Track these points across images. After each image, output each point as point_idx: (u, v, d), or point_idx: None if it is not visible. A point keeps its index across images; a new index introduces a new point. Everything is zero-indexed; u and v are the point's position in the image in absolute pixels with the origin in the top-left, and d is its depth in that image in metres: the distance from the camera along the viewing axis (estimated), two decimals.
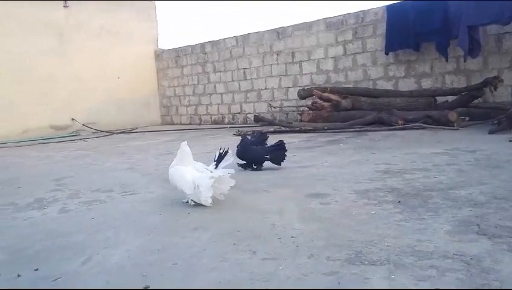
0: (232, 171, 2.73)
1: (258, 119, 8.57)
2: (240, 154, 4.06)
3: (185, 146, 2.89)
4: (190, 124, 11.52)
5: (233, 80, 10.51)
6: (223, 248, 1.98)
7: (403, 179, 3.16)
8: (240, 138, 4.65)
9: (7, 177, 4.53)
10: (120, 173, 4.42)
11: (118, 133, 10.16)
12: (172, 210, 2.75)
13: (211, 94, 11.07)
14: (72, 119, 10.56)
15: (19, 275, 1.80)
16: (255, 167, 4.06)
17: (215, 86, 10.92)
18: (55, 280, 1.74)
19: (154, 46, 12.26)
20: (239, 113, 10.56)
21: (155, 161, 5.11)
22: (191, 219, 2.50)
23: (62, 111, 10.38)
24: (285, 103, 9.53)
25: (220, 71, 10.72)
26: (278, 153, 4.04)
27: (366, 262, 1.70)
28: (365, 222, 2.21)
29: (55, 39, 10.30)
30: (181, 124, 11.82)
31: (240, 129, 7.88)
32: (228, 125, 10.07)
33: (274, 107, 9.50)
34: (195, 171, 2.80)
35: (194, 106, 11.53)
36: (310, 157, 4.57)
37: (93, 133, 10.45)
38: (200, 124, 11.28)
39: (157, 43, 12.35)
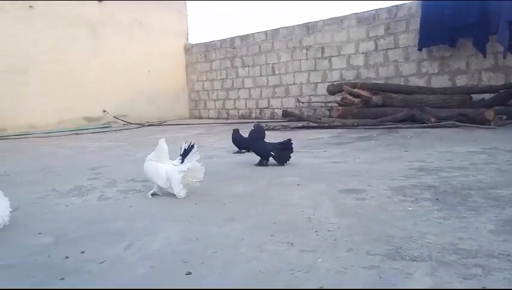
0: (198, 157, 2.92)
1: (286, 114, 8.56)
2: (236, 141, 4.34)
3: (162, 143, 3.08)
4: (218, 118, 11.63)
5: (261, 75, 10.52)
6: (260, 239, 2.00)
7: (439, 177, 3.09)
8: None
9: (47, 165, 4.71)
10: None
11: (147, 125, 10.37)
12: (206, 201, 2.80)
13: (239, 89, 11.12)
14: (104, 111, 10.84)
15: (67, 257, 1.88)
16: (263, 163, 3.98)
17: (243, 81, 10.97)
18: (100, 262, 1.80)
19: (184, 41, 12.42)
20: (266, 108, 10.58)
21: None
22: (227, 210, 2.54)
23: (94, 103, 10.67)
24: (314, 99, 9.47)
25: (248, 66, 10.75)
26: (284, 153, 3.95)
27: (407, 258, 1.68)
28: (403, 218, 2.18)
29: (89, 33, 10.58)
30: (208, 118, 11.94)
31: (268, 124, 7.89)
32: (256, 120, 10.09)
33: (302, 103, 9.46)
34: (169, 165, 2.99)
35: (222, 101, 11.62)
36: (341, 153, 4.53)
37: (124, 125, 10.70)
38: (227, 118, 11.35)
39: (187, 38, 12.51)
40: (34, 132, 9.24)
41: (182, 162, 2.97)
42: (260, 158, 4.06)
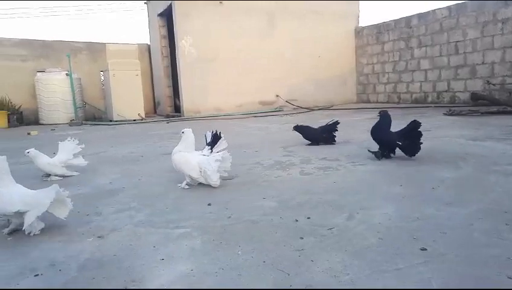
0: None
1: (477, 97, 7.64)
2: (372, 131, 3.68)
3: (189, 132, 3.01)
4: (387, 102, 11.15)
5: (441, 55, 9.60)
6: (494, 226, 1.86)
7: None
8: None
9: (242, 142, 5.32)
10: (338, 145, 4.63)
11: (317, 109, 10.65)
12: (412, 183, 2.74)
13: (413, 71, 10.40)
14: (277, 95, 11.58)
15: (296, 220, 2.11)
16: (385, 153, 3.55)
17: (419, 62, 10.20)
18: (330, 229, 1.96)
19: (354, 24, 12.22)
20: (445, 91, 9.62)
21: (365, 136, 5.15)
22: (440, 194, 2.44)
23: (268, 88, 11.48)
24: (508, 80, 8.18)
25: (426, 46, 9.93)
26: (413, 141, 3.37)
27: None
28: None
29: (265, 21, 11.36)
30: (377, 102, 11.56)
31: (452, 108, 7.18)
32: (432, 105, 9.32)
33: (493, 85, 8.27)
34: (198, 156, 2.94)
35: (393, 84, 11.06)
36: None
37: (294, 109, 11.23)
38: (398, 102, 10.79)
39: (358, 20, 12.26)
40: (219, 114, 10.52)
41: (211, 151, 3.00)
42: (379, 148, 3.63)
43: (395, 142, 3.51)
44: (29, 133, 8.11)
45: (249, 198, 2.59)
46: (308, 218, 2.13)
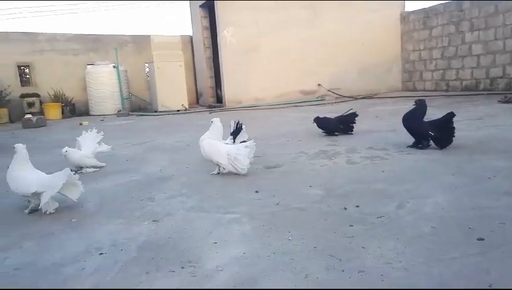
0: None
1: None
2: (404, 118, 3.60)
3: (217, 122, 3.07)
4: (435, 90, 10.69)
5: (496, 39, 9.04)
6: None
7: None
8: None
9: (285, 131, 5.33)
10: (384, 133, 4.53)
11: (360, 98, 10.42)
12: (465, 173, 2.64)
13: (463, 56, 9.89)
14: (319, 84, 11.42)
15: (345, 208, 2.11)
16: (419, 145, 3.47)
17: (470, 47, 9.68)
18: (380, 217, 1.95)
19: (400, 9, 11.76)
20: (500, 77, 9.08)
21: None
22: (497, 184, 2.35)
23: (309, 77, 11.34)
24: None
25: (479, 29, 9.39)
26: (446, 133, 3.27)
27: None
28: None
29: (307, 10, 11.18)
30: (424, 90, 11.11)
31: (508, 95, 6.79)
32: (485, 92, 8.84)
33: None
34: (225, 145, 3.05)
35: (441, 71, 10.58)
36: None
37: (336, 98, 11.05)
38: (447, 90, 10.31)
39: (404, 6, 11.79)
40: (260, 105, 10.55)
41: (234, 142, 3.19)
42: (415, 140, 3.56)
43: (427, 132, 3.44)
44: (81, 124, 8.55)
45: (296, 186, 2.61)
46: (357, 206, 2.13)
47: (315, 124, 4.75)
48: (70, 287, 1.46)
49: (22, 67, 11.30)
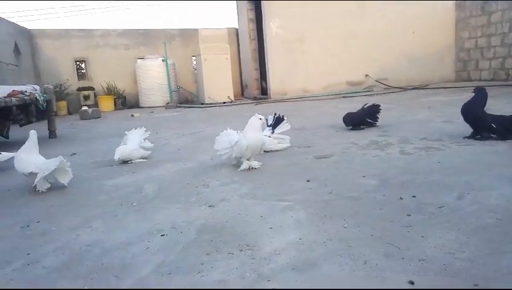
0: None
1: None
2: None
3: (254, 120, 3.00)
4: (493, 80, 10.09)
5: None
6: None
7: None
8: None
9: (333, 122, 5.27)
10: (439, 124, 4.37)
11: (410, 89, 10.05)
12: None
13: None
14: (366, 75, 11.15)
15: (401, 198, 2.07)
16: (477, 136, 3.33)
17: None
18: (439, 207, 1.89)
19: None
20: None
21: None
22: None
23: (357, 68, 11.10)
24: None
25: None
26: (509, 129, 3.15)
27: None
28: None
29: (355, 0, 10.90)
30: (480, 80, 10.52)
31: None
32: None
33: None
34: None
35: (501, 59, 9.95)
36: None
37: (385, 88, 10.73)
38: (506, 79, 9.70)
39: None
40: (306, 96, 10.47)
41: (272, 132, 3.54)
42: (473, 130, 3.41)
43: (489, 124, 3.28)
44: (132, 115, 8.93)
45: (348, 176, 2.59)
46: (414, 196, 2.08)
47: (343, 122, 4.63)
48: (192, 249, 1.55)
49: (78, 62, 11.95)
